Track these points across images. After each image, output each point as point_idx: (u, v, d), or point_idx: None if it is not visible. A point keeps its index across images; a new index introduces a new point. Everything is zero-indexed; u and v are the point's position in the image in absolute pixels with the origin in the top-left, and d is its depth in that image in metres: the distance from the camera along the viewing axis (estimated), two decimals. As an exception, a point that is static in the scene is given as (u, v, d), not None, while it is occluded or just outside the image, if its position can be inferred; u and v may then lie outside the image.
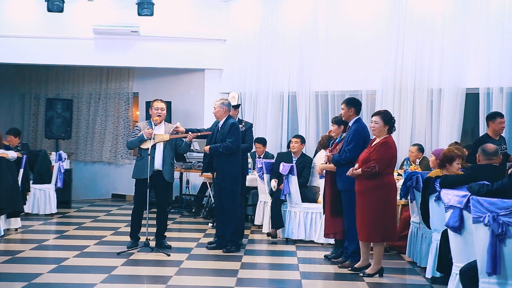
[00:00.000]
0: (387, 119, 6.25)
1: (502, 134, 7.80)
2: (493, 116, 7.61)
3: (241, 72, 11.33)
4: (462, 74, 9.59)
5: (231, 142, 7.31)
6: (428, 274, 5.99)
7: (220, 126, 7.49)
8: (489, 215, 4.26)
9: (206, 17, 11.62)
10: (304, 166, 8.64)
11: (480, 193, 4.67)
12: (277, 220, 8.24)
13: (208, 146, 7.44)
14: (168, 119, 7.97)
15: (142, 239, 7.32)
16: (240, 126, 7.79)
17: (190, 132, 7.42)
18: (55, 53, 11.45)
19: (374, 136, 6.38)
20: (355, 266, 6.44)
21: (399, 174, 8.24)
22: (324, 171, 7.05)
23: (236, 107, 8.09)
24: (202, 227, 9.35)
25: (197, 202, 10.97)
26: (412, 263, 6.90)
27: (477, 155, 5.53)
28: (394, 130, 6.35)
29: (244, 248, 7.68)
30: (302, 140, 8.99)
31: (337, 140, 7.05)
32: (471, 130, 10.30)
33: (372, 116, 6.38)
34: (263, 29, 11.13)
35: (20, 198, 8.36)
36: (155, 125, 7.40)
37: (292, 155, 8.84)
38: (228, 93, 11.35)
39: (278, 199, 8.28)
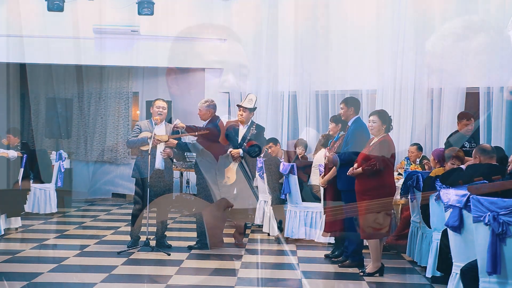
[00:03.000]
0: (385, 118, 6.26)
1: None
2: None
3: (241, 72, 11.32)
4: (462, 74, 9.60)
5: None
6: (428, 274, 5.99)
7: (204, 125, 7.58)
8: (489, 215, 4.26)
9: (206, 17, 11.61)
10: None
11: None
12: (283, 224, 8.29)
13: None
14: (168, 119, 7.95)
15: (142, 238, 7.33)
16: (251, 129, 7.78)
17: (182, 132, 7.45)
18: (55, 53, 11.44)
19: (372, 136, 6.39)
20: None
21: (399, 174, 8.24)
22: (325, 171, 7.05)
23: (252, 110, 7.80)
24: (202, 227, 9.35)
25: (197, 201, 10.97)
26: (413, 263, 6.90)
27: (477, 154, 5.54)
28: (392, 129, 6.37)
29: (244, 247, 7.69)
30: (275, 142, 9.01)
31: (334, 138, 7.05)
32: (471, 130, 10.28)
33: (369, 116, 6.40)
34: (263, 29, 11.13)
35: (20, 197, 8.35)
36: (155, 125, 7.39)
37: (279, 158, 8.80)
38: (228, 92, 11.42)
39: (280, 204, 8.31)
